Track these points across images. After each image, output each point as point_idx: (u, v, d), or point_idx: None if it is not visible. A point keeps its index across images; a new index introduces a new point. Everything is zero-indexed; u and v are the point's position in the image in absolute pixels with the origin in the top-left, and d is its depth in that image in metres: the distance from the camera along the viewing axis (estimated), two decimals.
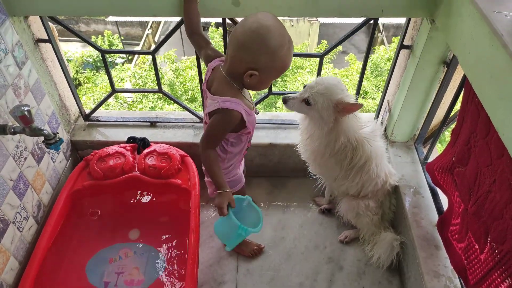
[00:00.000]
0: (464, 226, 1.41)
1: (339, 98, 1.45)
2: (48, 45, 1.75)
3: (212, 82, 1.34)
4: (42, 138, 1.41)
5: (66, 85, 1.95)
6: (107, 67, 1.89)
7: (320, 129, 1.55)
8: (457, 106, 1.67)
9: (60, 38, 1.90)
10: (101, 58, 1.89)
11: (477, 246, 1.33)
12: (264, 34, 1.15)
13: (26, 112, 1.28)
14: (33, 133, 1.35)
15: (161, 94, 8.06)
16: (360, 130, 1.59)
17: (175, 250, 1.75)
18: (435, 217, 1.68)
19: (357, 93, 2.01)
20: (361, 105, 1.42)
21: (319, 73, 1.91)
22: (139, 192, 1.91)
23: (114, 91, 1.96)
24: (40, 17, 1.66)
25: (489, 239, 1.27)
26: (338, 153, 1.61)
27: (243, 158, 1.64)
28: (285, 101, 1.56)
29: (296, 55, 1.56)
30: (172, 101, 7.61)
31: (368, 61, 9.11)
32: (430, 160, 1.83)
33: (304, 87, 1.54)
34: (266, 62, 1.20)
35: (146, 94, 7.88)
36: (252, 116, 1.37)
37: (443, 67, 1.64)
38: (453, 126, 1.61)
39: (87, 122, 2.09)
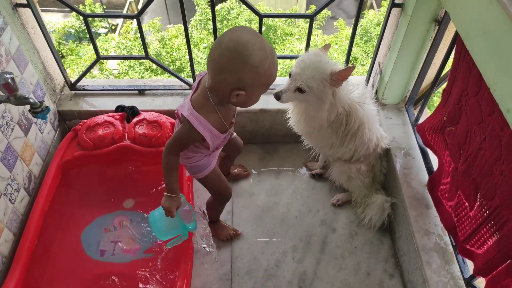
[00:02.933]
0: (454, 184, 1.44)
1: (329, 72, 1.42)
2: (28, 10, 1.67)
3: (199, 85, 1.31)
4: (28, 107, 1.37)
5: (50, 53, 1.88)
6: (90, 32, 1.83)
7: (320, 109, 1.52)
8: (448, 66, 1.67)
9: (42, 8, 1.82)
10: (83, 28, 1.82)
11: (466, 204, 1.36)
12: (243, 52, 1.08)
13: (9, 80, 1.24)
14: (19, 101, 1.31)
15: (148, 64, 7.82)
16: (350, 94, 1.58)
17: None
18: (426, 177, 1.71)
19: (347, 60, 1.99)
20: (353, 67, 1.40)
21: (309, 36, 1.88)
22: (130, 161, 1.89)
23: (99, 57, 1.91)
24: None
25: (478, 196, 1.30)
26: (333, 122, 1.61)
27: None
28: (278, 97, 1.51)
29: (286, 16, 1.54)
30: (160, 72, 7.47)
31: (357, 26, 8.98)
32: (420, 121, 1.83)
33: (290, 75, 1.50)
34: (251, 80, 1.13)
35: (132, 65, 7.71)
36: (219, 138, 1.32)
37: (435, 25, 1.62)
38: (443, 87, 1.61)
39: (73, 92, 2.03)
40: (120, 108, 1.93)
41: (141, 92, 2.06)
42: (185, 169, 1.53)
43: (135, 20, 1.82)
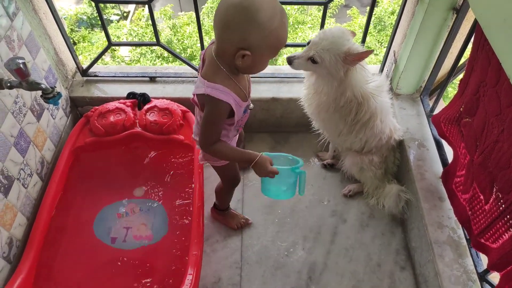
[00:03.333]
0: (469, 177, 1.41)
1: (346, 49, 1.39)
2: None
3: (204, 62, 1.22)
4: (40, 93, 1.38)
5: (61, 39, 1.88)
6: (102, 18, 1.82)
7: (329, 85, 1.51)
8: (465, 56, 1.63)
9: None
10: (95, 15, 1.81)
11: (482, 197, 1.34)
12: (250, 7, 1.00)
13: (21, 65, 1.24)
14: (30, 87, 1.31)
15: (159, 52, 7.81)
16: (366, 84, 1.55)
17: (181, 206, 1.76)
18: (440, 169, 1.68)
19: None
20: (371, 51, 1.37)
21: (322, 24, 1.84)
22: (142, 148, 1.90)
23: (110, 44, 1.90)
24: None
25: (494, 189, 1.27)
26: (343, 108, 1.58)
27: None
28: (289, 62, 1.49)
29: (299, 3, 1.51)
30: (171, 59, 7.47)
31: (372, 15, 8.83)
32: (435, 112, 1.80)
33: (308, 43, 1.47)
34: (258, 39, 1.05)
35: (144, 52, 7.71)
36: (242, 107, 1.23)
37: (452, 13, 1.57)
38: (459, 77, 1.57)
39: (85, 78, 2.03)
40: (131, 95, 1.93)
41: (152, 79, 2.05)
42: (203, 158, 1.46)
43: (146, 6, 1.81)
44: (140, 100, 1.90)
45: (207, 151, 1.25)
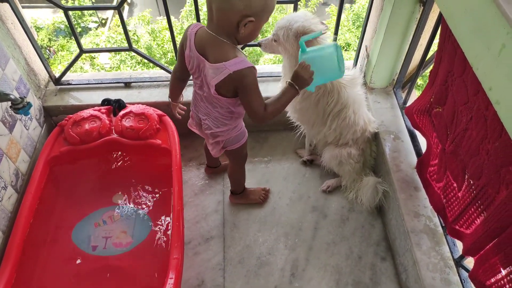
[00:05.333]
0: (442, 165, 1.43)
1: (297, 26, 1.43)
2: (6, 5, 1.64)
3: (202, 50, 1.24)
4: (10, 104, 1.36)
5: (32, 49, 1.86)
6: (71, 26, 1.79)
7: (289, 64, 1.55)
8: (434, 48, 1.65)
9: (26, 4, 1.78)
10: (73, 23, 1.78)
11: (455, 184, 1.36)
12: None
13: None
14: None
15: (139, 58, 7.74)
16: None
17: (161, 210, 1.75)
18: (414, 160, 1.70)
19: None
20: (320, 32, 1.39)
21: None
22: (118, 154, 1.88)
23: (82, 51, 1.88)
24: None
25: (466, 176, 1.29)
26: (311, 95, 1.60)
27: None
28: (259, 44, 1.58)
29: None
30: (152, 65, 7.41)
31: (349, 12, 8.91)
32: (408, 104, 1.82)
33: None
34: (260, 5, 1.12)
35: (124, 59, 7.65)
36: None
37: (419, 6, 1.60)
38: (430, 69, 1.59)
39: (58, 87, 2.01)
40: (106, 102, 1.91)
41: (127, 85, 2.04)
42: (221, 146, 1.52)
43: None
44: (115, 106, 1.89)
45: (268, 117, 1.29)
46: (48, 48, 9.79)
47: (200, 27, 1.25)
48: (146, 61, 7.48)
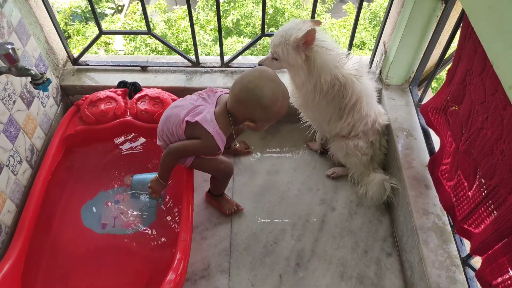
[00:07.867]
0: (454, 164, 1.43)
1: (293, 38, 1.45)
2: None
3: (218, 102, 1.48)
4: (29, 79, 1.38)
5: (52, 28, 1.88)
6: (92, 6, 1.81)
7: (298, 76, 1.56)
8: (453, 47, 1.64)
9: None
10: (89, 8, 1.80)
11: (466, 184, 1.36)
12: (258, 94, 1.29)
13: (10, 50, 1.24)
14: (20, 73, 1.32)
15: (153, 46, 7.75)
16: (341, 65, 1.57)
17: (171, 193, 1.77)
18: (427, 158, 1.70)
19: (350, 44, 1.98)
20: (313, 30, 1.40)
21: (313, 16, 1.85)
22: (132, 136, 1.90)
23: (101, 32, 1.90)
24: None
25: (478, 176, 1.29)
26: (328, 93, 1.60)
27: None
28: (259, 65, 1.60)
29: None
30: (166, 53, 7.43)
31: (366, 10, 8.82)
32: (424, 102, 1.81)
33: None
34: (261, 116, 1.36)
35: (138, 46, 7.68)
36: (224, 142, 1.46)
37: (441, 3, 1.59)
38: (447, 68, 1.58)
39: (76, 67, 2.04)
40: (122, 84, 1.93)
41: (144, 69, 2.06)
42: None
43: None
44: (131, 89, 1.91)
45: (168, 153, 1.49)
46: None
47: (224, 94, 1.51)
48: (160, 48, 7.54)
